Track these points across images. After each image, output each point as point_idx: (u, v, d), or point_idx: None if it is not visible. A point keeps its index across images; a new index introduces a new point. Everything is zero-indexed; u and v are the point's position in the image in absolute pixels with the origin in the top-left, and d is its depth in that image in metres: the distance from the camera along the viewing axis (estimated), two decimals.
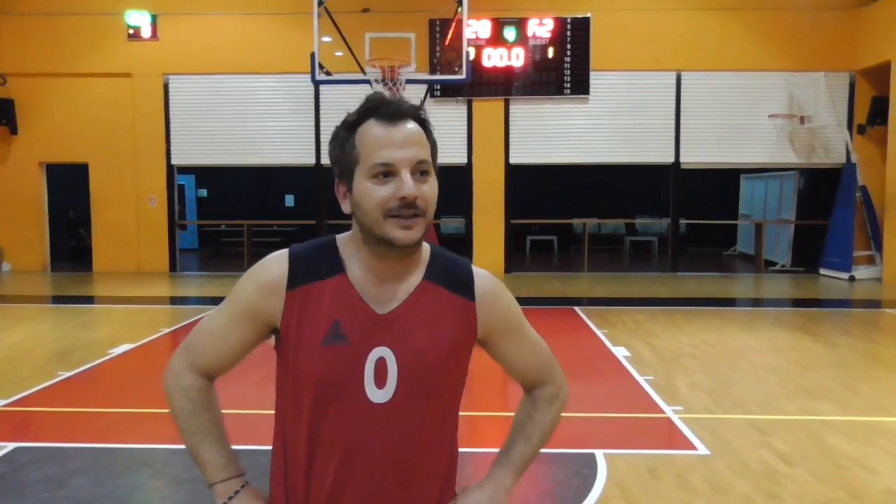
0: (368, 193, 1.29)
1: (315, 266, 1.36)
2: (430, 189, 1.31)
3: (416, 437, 1.36)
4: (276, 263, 1.36)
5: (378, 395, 1.32)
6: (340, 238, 1.40)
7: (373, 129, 1.31)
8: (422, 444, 1.37)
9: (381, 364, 1.32)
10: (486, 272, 1.46)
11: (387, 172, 1.28)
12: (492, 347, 1.48)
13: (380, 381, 1.32)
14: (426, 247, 1.41)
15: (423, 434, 1.37)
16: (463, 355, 1.41)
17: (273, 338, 1.41)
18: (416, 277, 1.38)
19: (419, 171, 1.30)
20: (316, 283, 1.34)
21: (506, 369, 1.54)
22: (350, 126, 1.34)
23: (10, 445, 4.46)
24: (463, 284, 1.41)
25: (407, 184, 1.27)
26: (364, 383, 1.32)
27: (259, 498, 1.42)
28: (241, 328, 1.38)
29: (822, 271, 13.36)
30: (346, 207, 1.35)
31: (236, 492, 1.40)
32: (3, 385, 5.83)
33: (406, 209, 1.28)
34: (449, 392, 1.41)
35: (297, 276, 1.34)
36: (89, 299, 11.18)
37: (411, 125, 1.32)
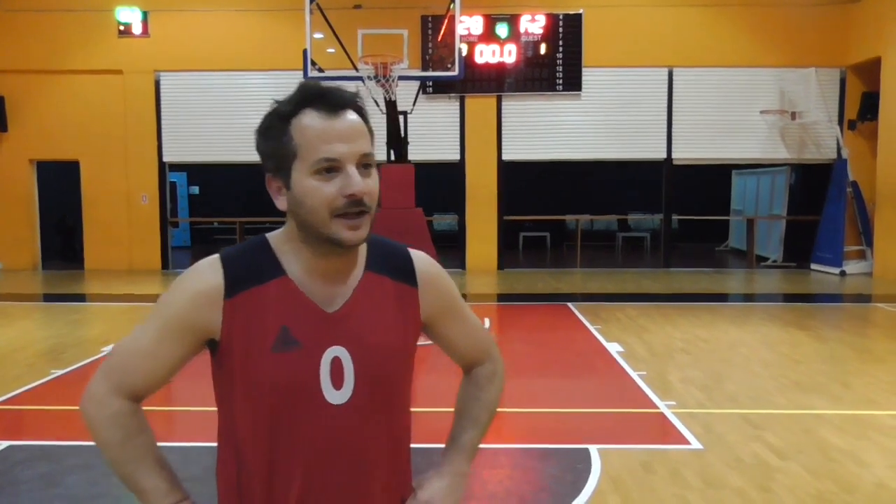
0: (312, 191, 1.21)
1: (252, 270, 1.27)
2: (374, 183, 1.25)
3: (379, 433, 1.32)
4: (209, 272, 1.27)
5: (336, 397, 1.27)
6: (273, 237, 1.32)
7: (313, 121, 1.22)
8: (385, 439, 1.33)
9: (336, 364, 1.27)
10: (424, 254, 1.42)
11: (331, 168, 1.21)
12: (433, 330, 1.44)
13: (336, 381, 1.27)
14: None
15: (386, 429, 1.33)
16: (413, 344, 1.38)
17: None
18: (359, 270, 1.32)
19: (363, 165, 1.23)
20: (256, 287, 1.26)
21: (446, 351, 1.51)
22: (285, 116, 1.24)
23: (3, 444, 4.44)
24: (404, 271, 1.36)
25: (354, 180, 1.20)
26: (321, 386, 1.26)
27: None
28: (174, 344, 1.27)
29: (813, 266, 13.43)
30: (281, 204, 1.27)
31: None
32: None
33: (353, 206, 1.21)
34: (404, 384, 1.38)
35: (235, 282, 1.25)
36: (81, 297, 11.14)
37: (353, 116, 1.24)
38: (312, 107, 1.23)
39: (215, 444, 1.35)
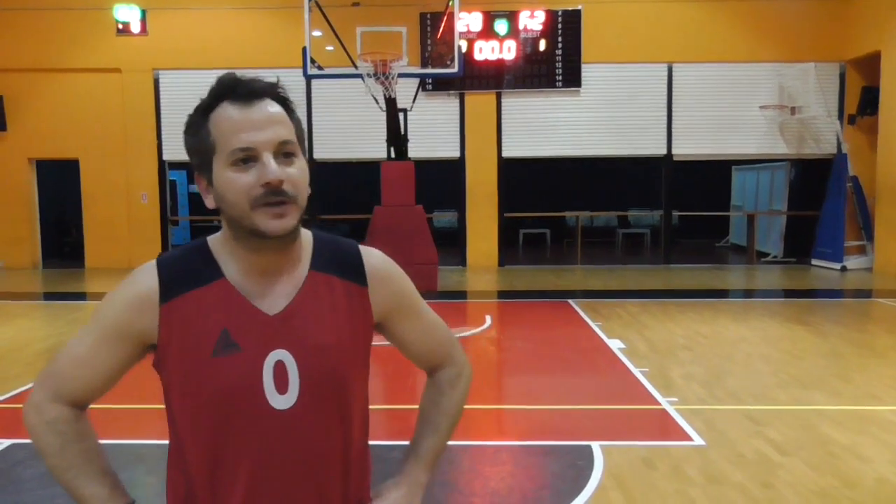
0: (230, 183, 1.18)
1: (189, 273, 1.24)
2: (298, 171, 1.20)
3: (327, 439, 1.27)
4: (144, 276, 1.25)
5: (281, 402, 1.22)
6: (212, 240, 1.28)
7: (227, 112, 1.19)
8: (334, 445, 1.28)
9: (279, 368, 1.22)
10: (377, 251, 1.37)
11: (247, 158, 1.17)
12: (388, 330, 1.38)
13: (280, 386, 1.22)
14: (307, 234, 1.31)
15: (334, 435, 1.27)
16: (364, 345, 1.32)
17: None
18: (303, 269, 1.27)
19: (283, 153, 1.19)
20: (193, 291, 1.22)
21: (403, 352, 1.44)
22: (203, 111, 1.22)
23: (5, 442, 4.44)
24: (353, 269, 1.31)
25: (269, 167, 1.16)
26: (264, 391, 1.21)
27: None
28: (111, 350, 1.25)
29: (813, 262, 13.43)
30: (209, 202, 1.24)
31: None
32: None
33: (273, 195, 1.16)
34: (356, 385, 1.31)
35: (170, 287, 1.22)
36: (81, 296, 11.14)
37: (270, 104, 1.20)
38: (228, 99, 1.20)
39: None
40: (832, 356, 6.68)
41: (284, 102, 1.23)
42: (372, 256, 1.35)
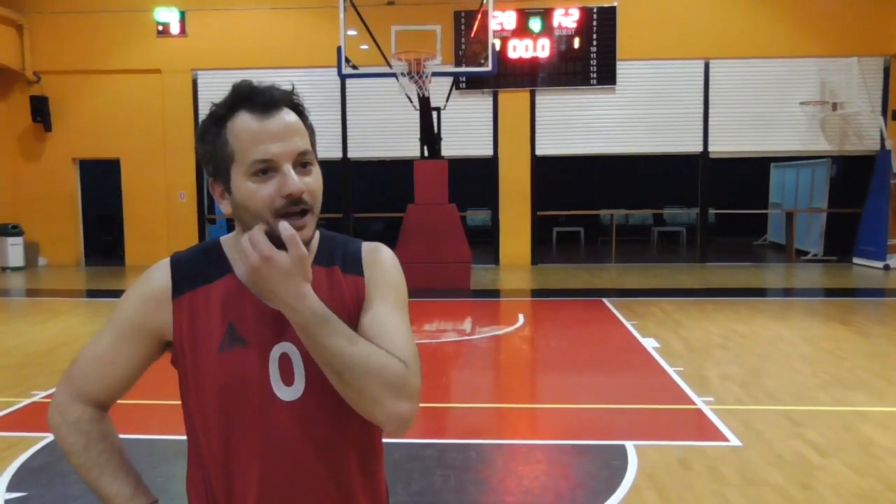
0: (251, 194, 1.19)
1: (200, 270, 1.27)
2: (314, 181, 1.22)
3: (337, 429, 1.26)
4: (158, 273, 1.29)
5: (287, 394, 1.24)
6: (225, 239, 1.31)
7: (246, 123, 1.19)
8: (345, 435, 1.27)
9: (284, 361, 1.24)
10: (375, 244, 1.36)
11: (267, 169, 1.18)
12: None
13: (286, 378, 1.24)
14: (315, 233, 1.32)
15: (344, 425, 1.26)
16: None
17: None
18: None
19: (301, 164, 1.21)
20: (203, 287, 1.26)
21: None
22: (219, 119, 1.22)
23: (51, 436, 4.55)
24: (354, 262, 1.32)
25: (290, 179, 1.18)
26: (271, 383, 1.23)
27: None
28: (129, 348, 1.28)
29: (855, 260, 13.13)
30: (225, 208, 1.25)
31: None
32: (42, 377, 5.99)
33: (294, 206, 1.18)
34: None
35: (182, 282, 1.26)
36: (122, 293, 11.37)
37: (287, 114, 1.22)
38: (245, 108, 1.20)
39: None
40: (875, 356, 6.53)
41: (299, 110, 1.25)
42: (368, 248, 1.35)
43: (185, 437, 1.31)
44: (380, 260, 1.34)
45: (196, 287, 1.26)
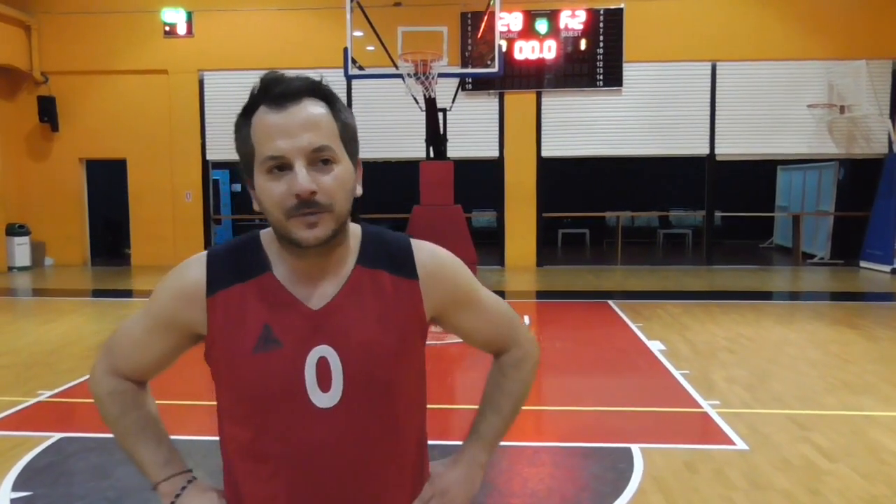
0: (265, 191, 1.15)
1: (236, 267, 1.22)
2: (333, 179, 1.15)
3: (374, 438, 1.22)
4: (192, 269, 1.24)
5: (324, 400, 1.18)
6: (265, 234, 1.25)
7: (263, 117, 1.15)
8: (382, 444, 1.23)
9: (322, 365, 1.18)
10: (428, 244, 1.32)
11: (280, 166, 1.13)
12: (445, 322, 1.34)
13: (323, 384, 1.18)
14: (356, 229, 1.27)
15: (382, 434, 1.23)
16: (415, 341, 1.27)
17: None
18: (349, 264, 1.23)
19: (320, 160, 1.14)
20: (238, 285, 1.21)
21: (465, 341, 1.41)
22: (245, 112, 1.19)
23: (57, 435, 4.57)
24: (402, 263, 1.26)
25: (299, 178, 1.12)
26: (306, 389, 1.18)
27: (209, 490, 1.30)
28: (160, 338, 1.28)
29: (862, 264, 13.08)
30: (255, 204, 1.21)
31: (182, 488, 1.29)
32: (48, 376, 5.99)
33: (304, 206, 1.12)
34: (406, 384, 1.26)
35: (217, 279, 1.21)
36: (128, 293, 11.41)
37: (309, 106, 1.15)
38: (263, 101, 1.16)
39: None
40: (883, 361, 6.49)
41: (328, 101, 1.18)
42: (423, 250, 1.30)
43: (187, 438, 1.31)
44: (444, 264, 1.31)
45: (232, 285, 1.21)
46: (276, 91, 1.15)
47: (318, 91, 1.17)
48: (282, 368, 1.18)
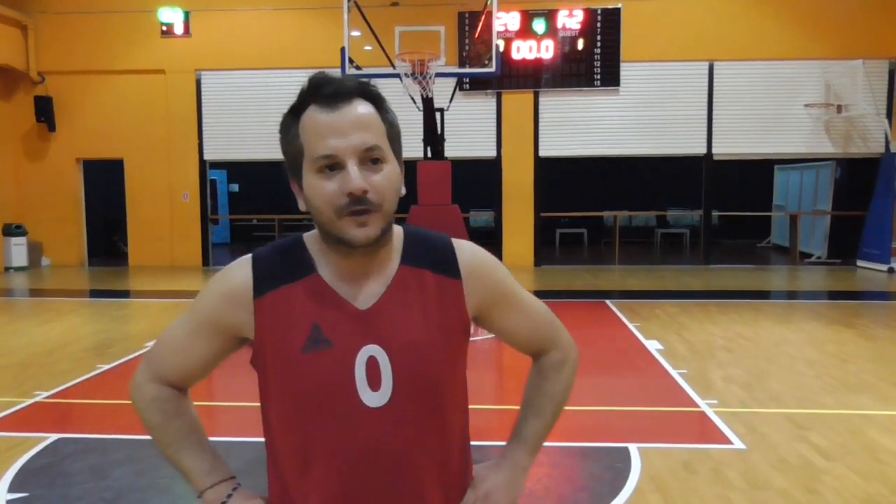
0: (316, 190, 1.16)
1: (282, 269, 1.23)
2: (384, 178, 1.17)
3: (423, 436, 1.23)
4: (239, 271, 1.25)
5: (374, 399, 1.19)
6: (308, 236, 1.27)
7: (313, 116, 1.16)
8: (434, 441, 1.24)
9: (372, 364, 1.19)
10: (469, 243, 1.34)
11: (332, 165, 1.15)
12: (486, 322, 1.35)
13: (373, 383, 1.19)
14: (398, 229, 1.28)
15: (430, 432, 1.24)
16: (459, 339, 1.28)
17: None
18: (394, 264, 1.25)
19: (370, 160, 1.16)
20: (286, 286, 1.22)
21: (506, 342, 1.43)
22: (293, 112, 1.21)
23: (53, 436, 4.56)
24: (445, 262, 1.28)
25: (352, 176, 1.13)
26: (356, 388, 1.19)
27: (254, 497, 1.30)
28: (205, 341, 1.27)
29: (859, 263, 13.10)
30: (301, 205, 1.22)
31: (228, 495, 1.29)
32: (44, 377, 5.98)
33: (355, 204, 1.14)
34: (451, 383, 1.28)
35: (264, 281, 1.22)
36: (125, 293, 11.40)
37: (359, 106, 1.17)
38: (314, 100, 1.18)
39: (254, 439, 1.35)
40: (880, 360, 6.50)
41: (377, 102, 1.20)
42: (465, 250, 1.32)
43: None
44: (486, 264, 1.34)
45: (279, 286, 1.22)
46: (327, 91, 1.16)
47: (367, 92, 1.19)
48: (332, 367, 1.19)
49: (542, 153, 13.75)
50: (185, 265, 14.01)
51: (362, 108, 1.17)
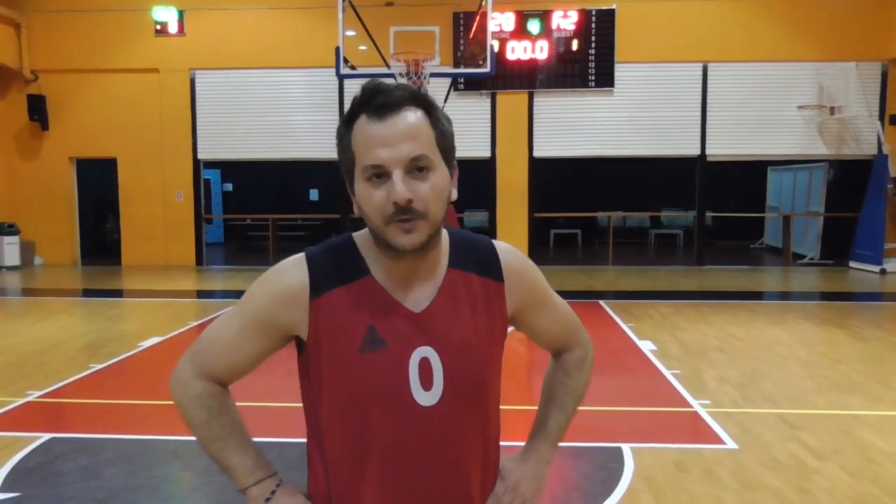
0: (365, 197, 1.21)
1: (337, 270, 1.27)
2: (430, 187, 1.20)
3: (469, 435, 1.29)
4: (294, 271, 1.27)
5: (426, 399, 1.24)
6: (359, 237, 1.31)
7: (363, 126, 1.20)
8: (479, 439, 1.31)
9: (424, 365, 1.24)
10: (509, 247, 1.40)
11: (380, 174, 1.19)
12: (521, 322, 1.42)
13: (426, 383, 1.24)
14: (444, 232, 1.31)
15: (475, 429, 1.30)
16: (500, 341, 1.35)
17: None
18: (442, 267, 1.30)
19: (416, 168, 1.19)
20: (341, 287, 1.25)
21: (534, 340, 1.49)
22: (347, 121, 1.24)
23: (45, 436, 4.55)
24: (489, 265, 1.33)
25: (396, 187, 1.17)
26: (410, 387, 1.24)
27: (297, 493, 1.34)
28: (256, 338, 1.29)
29: (852, 264, 13.16)
30: (356, 209, 1.27)
31: (272, 492, 1.32)
32: (37, 377, 5.96)
33: (401, 213, 1.18)
34: (494, 383, 1.35)
35: (320, 283, 1.25)
36: (118, 293, 11.36)
37: (408, 116, 1.20)
38: (364, 110, 1.21)
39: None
40: (872, 360, 6.54)
41: (429, 109, 1.23)
42: (507, 252, 1.37)
43: (176, 438, 1.31)
44: (526, 266, 1.40)
45: (334, 287, 1.25)
46: (377, 102, 1.20)
47: (418, 100, 1.22)
48: (388, 368, 1.23)
49: (536, 153, 13.77)
50: (179, 265, 13.97)
51: (411, 117, 1.20)
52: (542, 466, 1.47)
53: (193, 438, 1.37)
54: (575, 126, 13.63)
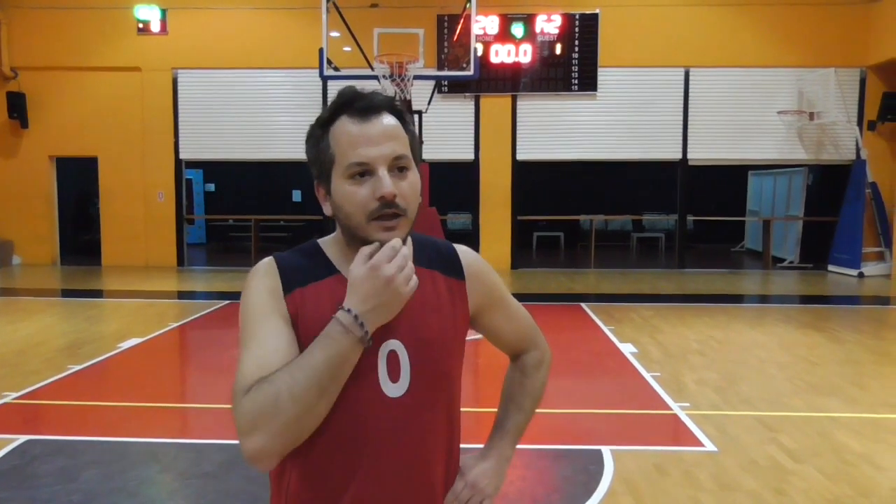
0: (347, 195, 1.24)
1: (305, 269, 1.31)
2: (409, 185, 1.26)
3: (432, 426, 1.33)
4: (266, 270, 1.30)
5: (393, 390, 1.28)
6: (323, 242, 1.36)
7: (346, 127, 1.25)
8: (442, 431, 1.36)
9: (392, 357, 1.28)
10: (468, 249, 1.47)
11: (363, 172, 1.24)
12: (480, 322, 1.48)
13: (393, 374, 1.29)
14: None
15: (441, 421, 1.35)
16: (463, 338, 1.41)
17: None
18: None
19: (397, 168, 1.25)
20: (311, 284, 1.29)
21: (492, 341, 1.55)
22: (324, 124, 1.29)
23: (22, 438, 4.49)
24: (451, 265, 1.40)
25: (384, 182, 1.22)
26: (379, 380, 1.27)
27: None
28: (284, 328, 1.24)
29: (830, 268, 13.31)
30: (326, 210, 1.30)
31: (362, 327, 1.18)
32: (14, 378, 5.89)
33: (386, 208, 1.23)
34: (457, 374, 1.40)
35: (290, 280, 1.29)
36: (98, 293, 11.25)
37: (387, 119, 1.26)
38: (346, 112, 1.27)
39: (226, 442, 1.33)
40: (848, 363, 6.62)
41: (401, 116, 1.29)
42: (467, 254, 1.45)
43: (154, 440, 1.30)
44: (485, 268, 1.46)
45: (305, 284, 1.29)
46: (359, 105, 1.26)
47: (393, 107, 1.30)
48: (360, 360, 1.23)
49: (519, 156, 13.81)
50: (160, 265, 13.86)
51: (389, 120, 1.27)
52: (501, 464, 1.50)
53: (171, 441, 1.35)
54: (558, 129, 13.69)
